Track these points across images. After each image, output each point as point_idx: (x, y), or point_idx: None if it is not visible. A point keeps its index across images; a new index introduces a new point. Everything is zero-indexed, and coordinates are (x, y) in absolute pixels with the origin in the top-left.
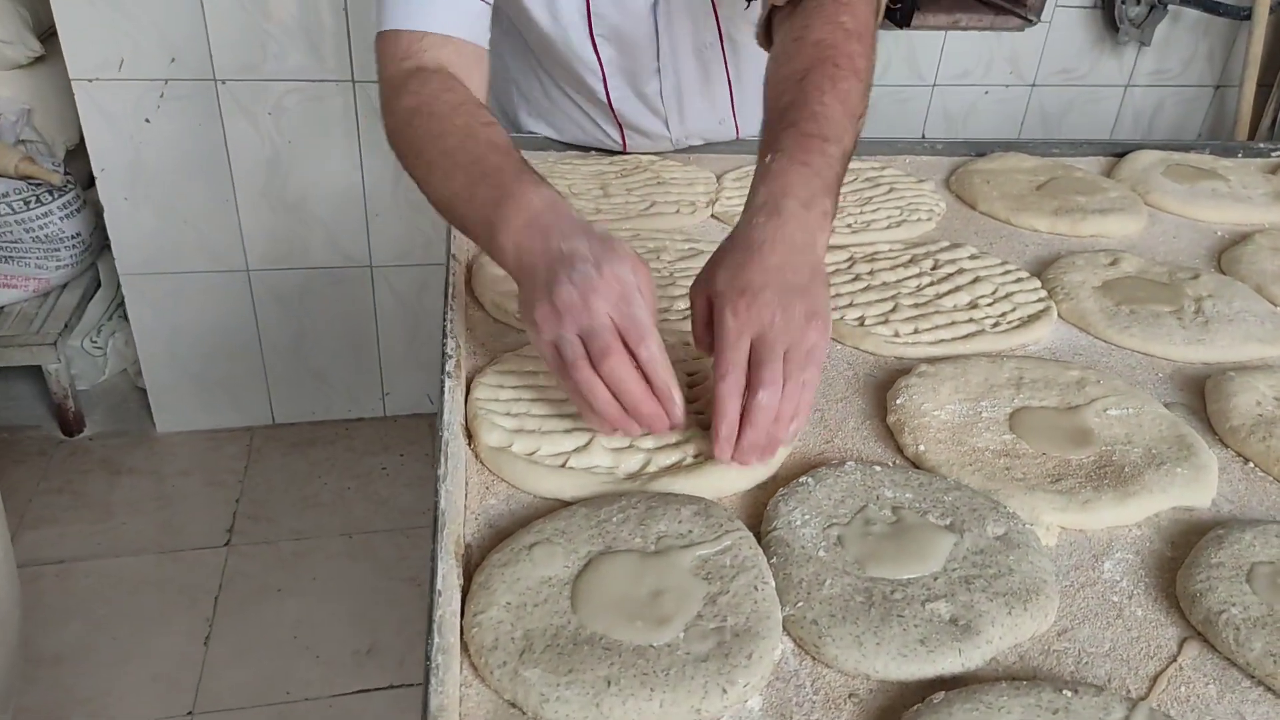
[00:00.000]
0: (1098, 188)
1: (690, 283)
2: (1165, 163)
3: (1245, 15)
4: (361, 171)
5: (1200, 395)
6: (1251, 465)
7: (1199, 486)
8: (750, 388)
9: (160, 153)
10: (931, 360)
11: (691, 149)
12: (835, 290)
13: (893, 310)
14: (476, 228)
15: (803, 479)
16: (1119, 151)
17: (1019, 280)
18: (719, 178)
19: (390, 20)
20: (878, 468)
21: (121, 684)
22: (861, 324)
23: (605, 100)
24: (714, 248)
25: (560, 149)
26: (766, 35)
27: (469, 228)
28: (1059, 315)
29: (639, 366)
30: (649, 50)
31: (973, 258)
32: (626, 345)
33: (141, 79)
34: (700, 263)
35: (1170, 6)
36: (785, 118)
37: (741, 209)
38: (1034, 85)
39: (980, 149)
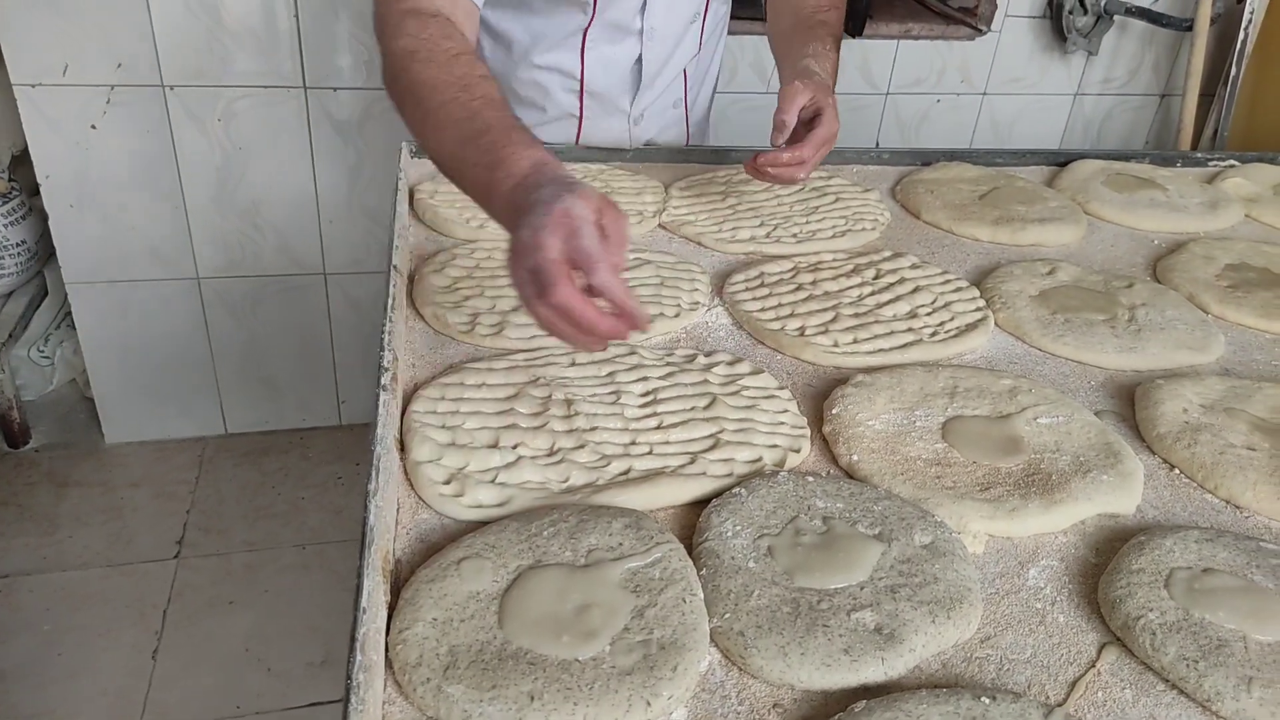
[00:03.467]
0: (1039, 197)
1: (633, 290)
2: (1105, 172)
3: (1188, 27)
4: (314, 178)
5: (1131, 403)
6: (1177, 472)
7: (1124, 494)
8: (807, 140)
9: (107, 159)
10: (869, 370)
11: (640, 156)
12: (777, 300)
13: (833, 320)
14: (471, 188)
15: (736, 490)
16: (1062, 161)
17: (958, 290)
18: (667, 188)
19: None
20: (810, 478)
21: (69, 700)
22: (802, 334)
23: (579, 52)
24: (661, 257)
25: None
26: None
27: (463, 185)
28: (996, 324)
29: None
30: (633, 7)
31: (914, 267)
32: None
33: (86, 85)
34: (647, 272)
35: (1116, 17)
36: (813, 32)
37: (687, 219)
38: (985, 94)
39: (926, 158)
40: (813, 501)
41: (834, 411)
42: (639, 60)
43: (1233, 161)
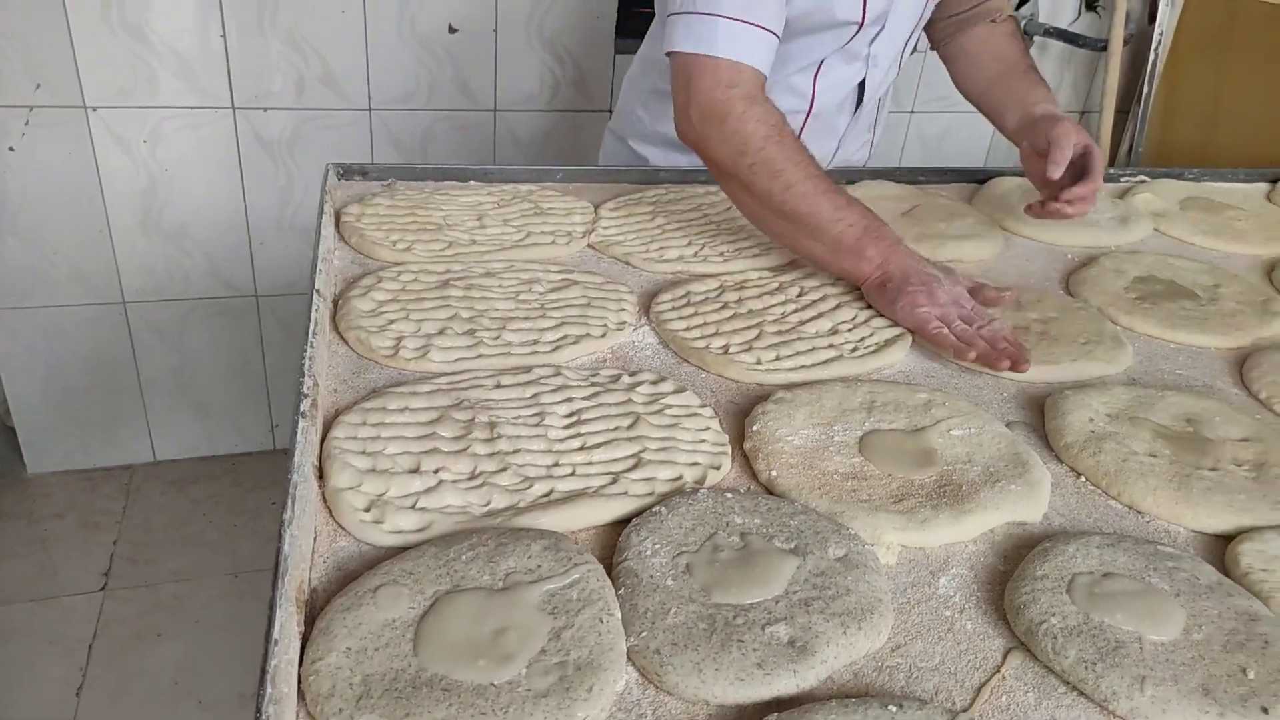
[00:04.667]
0: (958, 214)
1: (560, 311)
2: (1022, 189)
3: (1103, 47)
4: (245, 199)
5: (1041, 413)
6: (1083, 479)
7: (1031, 502)
8: (1092, 172)
9: (27, 182)
10: (791, 387)
11: (570, 177)
12: (702, 319)
13: (757, 338)
14: (836, 242)
15: (656, 509)
16: (982, 179)
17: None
18: (596, 208)
19: (708, 46)
20: (729, 495)
21: None
22: (726, 352)
23: (814, 75)
24: (589, 277)
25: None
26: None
27: (824, 238)
28: (914, 339)
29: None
30: (868, 37)
31: (835, 283)
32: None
33: (3, 106)
34: (574, 292)
35: (1036, 38)
36: (1036, 75)
37: (616, 240)
38: (912, 112)
39: (851, 176)
40: (731, 518)
41: (754, 428)
42: (861, 84)
43: (1143, 177)
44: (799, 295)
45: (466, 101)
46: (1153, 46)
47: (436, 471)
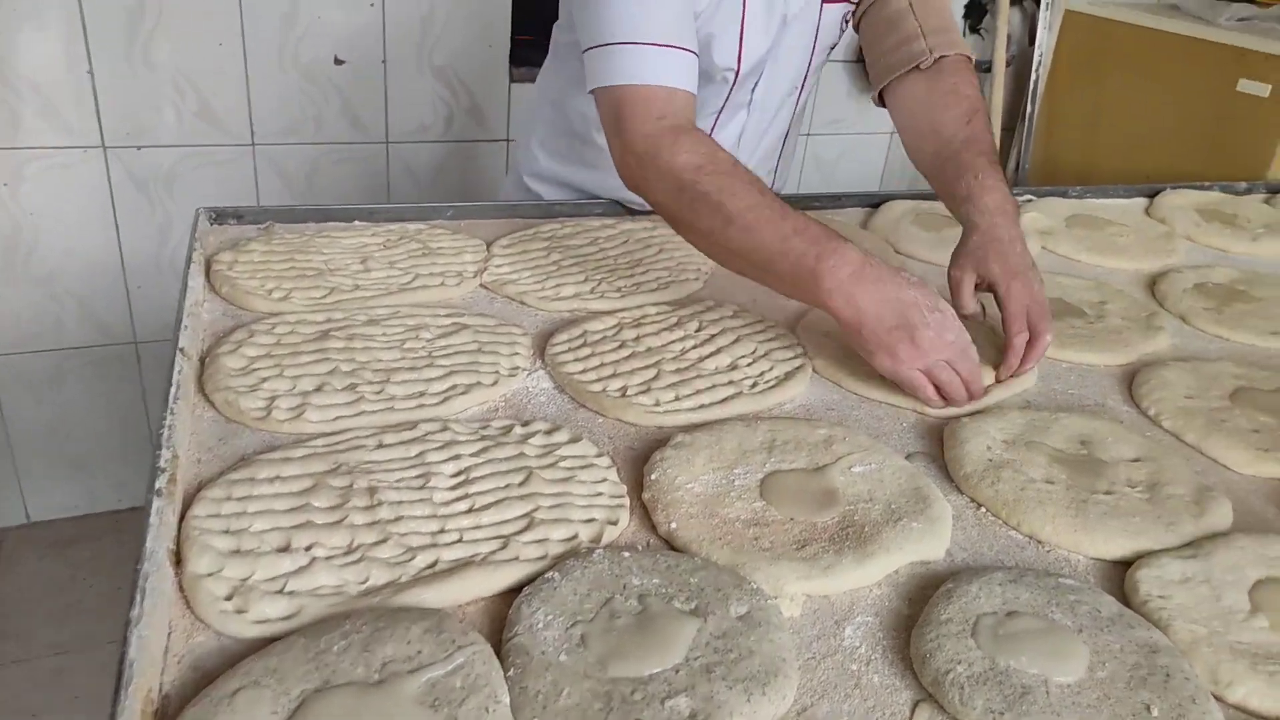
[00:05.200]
0: (853, 239)
1: (449, 359)
2: (915, 211)
3: (986, 68)
4: (119, 242)
5: (940, 443)
6: (983, 510)
7: (933, 539)
8: (1036, 335)
9: None
10: (690, 428)
11: (461, 214)
12: (599, 360)
13: (655, 378)
14: (792, 275)
15: (549, 575)
16: (876, 202)
17: (776, 338)
18: (489, 245)
19: (635, 75)
20: (627, 554)
21: None
22: (623, 394)
23: (709, 131)
24: (480, 320)
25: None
26: (879, 95)
27: (780, 274)
28: (814, 371)
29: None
30: (749, 85)
31: (735, 315)
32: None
33: None
34: (464, 337)
35: None
36: (973, 147)
37: (510, 278)
38: (808, 134)
39: None
40: (629, 579)
41: (653, 477)
42: (741, 132)
43: (1030, 196)
44: (698, 330)
45: (356, 134)
46: (1034, 67)
47: (309, 548)
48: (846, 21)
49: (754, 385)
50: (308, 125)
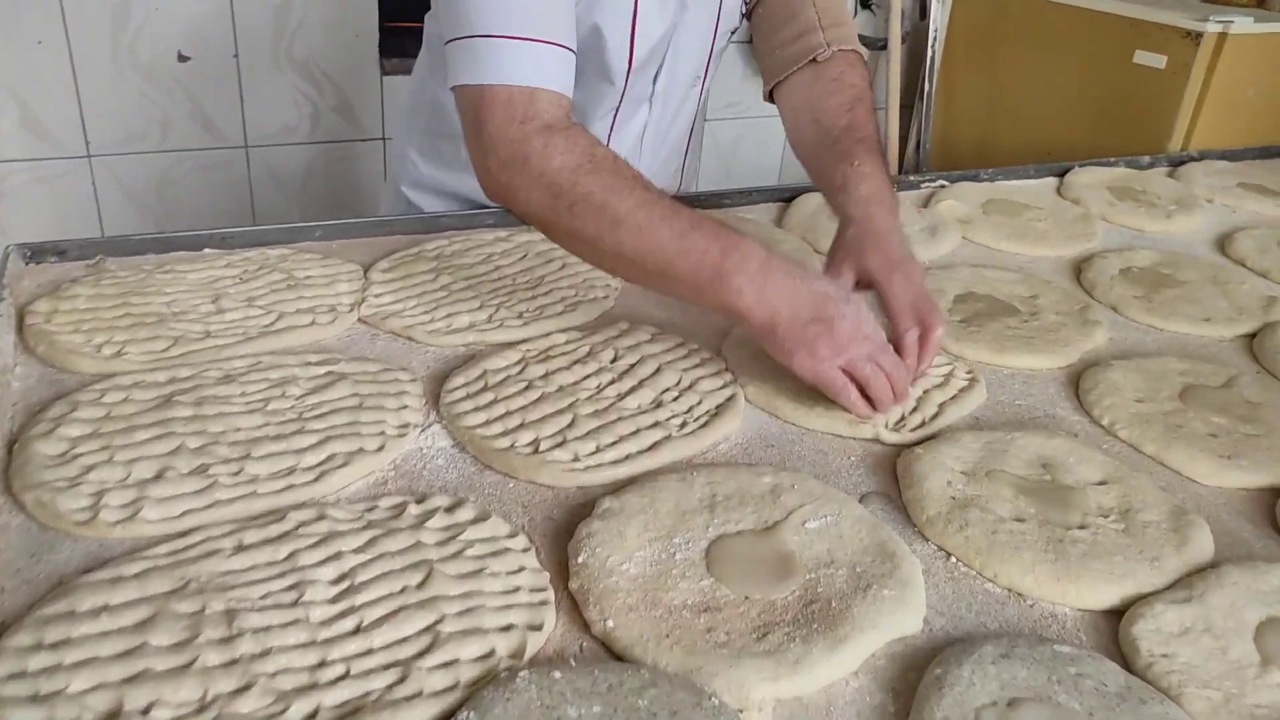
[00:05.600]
0: (770, 241)
1: (324, 421)
2: (828, 205)
3: (882, 46)
4: None
5: (893, 475)
6: (954, 560)
7: (908, 610)
8: (928, 329)
9: None
10: (618, 487)
11: (331, 233)
12: (504, 407)
13: (570, 425)
14: (694, 275)
15: (461, 714)
16: (788, 196)
17: (702, 363)
18: (366, 270)
19: (497, 73)
20: (557, 674)
21: None
22: (536, 450)
23: (608, 130)
24: (360, 365)
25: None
26: (770, 93)
27: (681, 276)
28: (747, 399)
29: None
30: (649, 75)
31: (654, 339)
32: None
33: None
34: (342, 390)
35: None
36: (852, 133)
37: (393, 309)
38: (706, 119)
39: None
40: (563, 711)
41: (580, 560)
42: (645, 128)
43: (942, 181)
44: (614, 360)
45: (210, 138)
46: (929, 43)
47: (147, 711)
48: (746, 3)
49: (683, 425)
50: (152, 131)
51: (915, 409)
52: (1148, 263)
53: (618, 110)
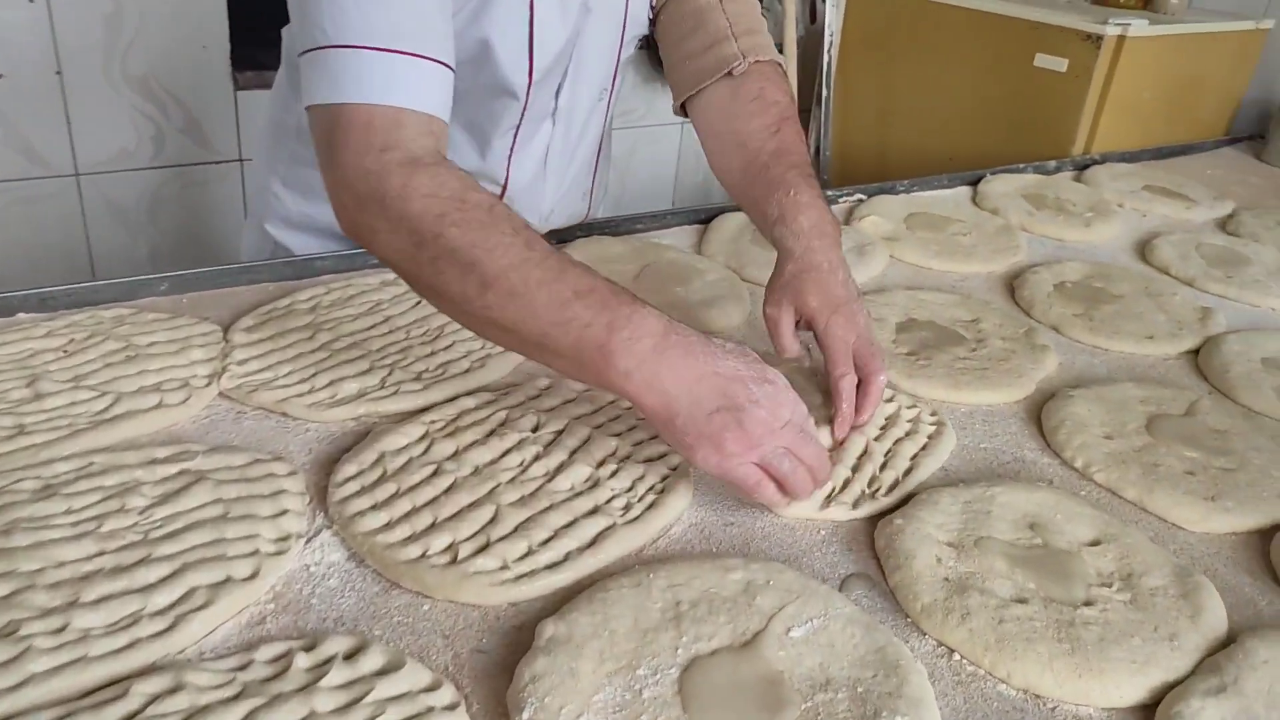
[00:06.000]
0: (694, 270)
1: (178, 544)
2: (749, 227)
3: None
4: None
5: (871, 547)
6: (958, 658)
7: None
8: (868, 375)
9: None
10: (558, 600)
11: (181, 285)
12: (410, 502)
13: (493, 520)
14: (574, 353)
15: None
16: (704, 218)
17: (639, 424)
18: (226, 331)
19: (354, 90)
20: None
21: None
22: (454, 560)
23: (509, 149)
24: (223, 458)
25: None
26: (681, 105)
27: (558, 351)
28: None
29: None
30: (551, 89)
31: (580, 397)
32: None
33: None
34: (201, 495)
35: None
36: (784, 159)
37: (262, 378)
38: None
39: (558, 235)
40: None
41: (525, 717)
42: (549, 146)
43: (860, 195)
44: (535, 429)
45: (32, 167)
46: (824, 48)
47: None
48: (653, 7)
49: (627, 509)
50: None
51: (885, 465)
52: (1078, 276)
53: (518, 129)
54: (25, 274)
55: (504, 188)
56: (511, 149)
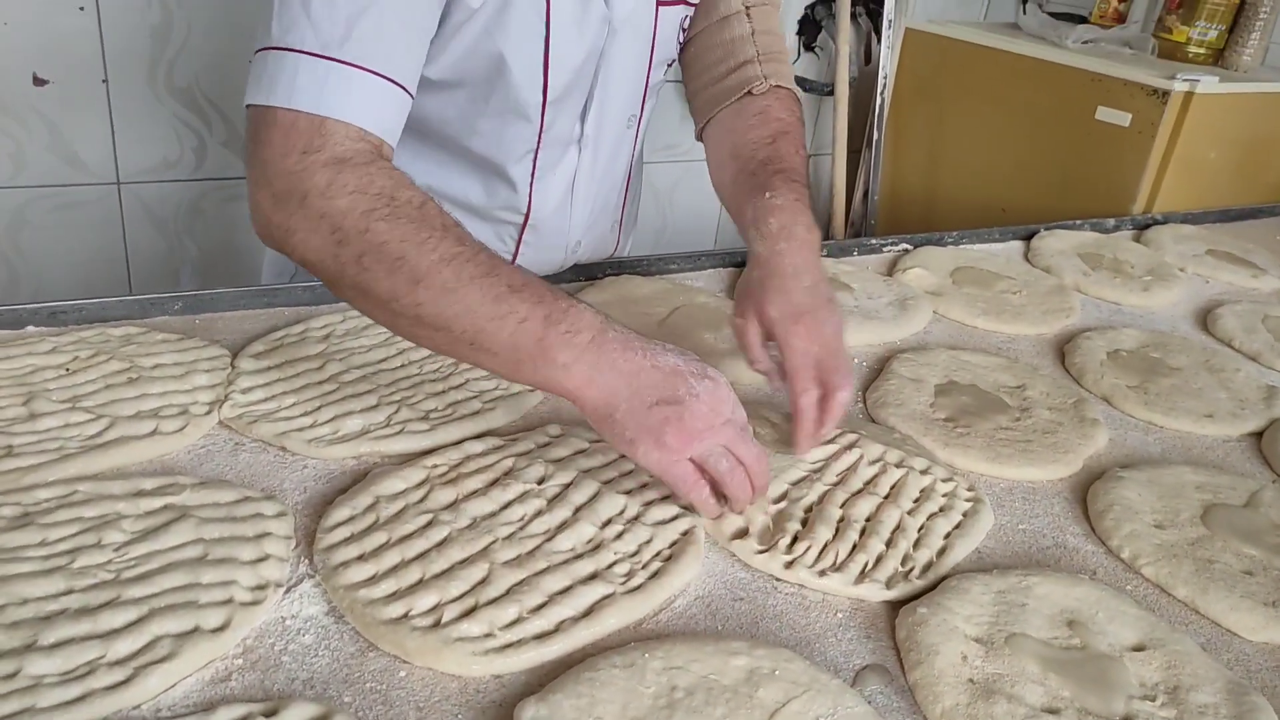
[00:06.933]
0: (725, 317)
1: (149, 587)
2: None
3: (829, 91)
4: None
5: (890, 634)
6: None
7: None
8: (829, 391)
9: None
10: (546, 678)
11: (194, 306)
12: (400, 554)
13: (485, 580)
14: (510, 349)
15: None
16: (738, 262)
17: (652, 481)
18: (234, 357)
19: (283, 95)
20: None
21: None
22: (438, 623)
23: (529, 175)
24: (213, 494)
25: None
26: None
27: (494, 349)
28: (705, 531)
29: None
30: (574, 112)
31: (592, 447)
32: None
33: None
34: (182, 534)
35: None
36: (769, 166)
37: (265, 408)
38: (644, 162)
39: (586, 272)
40: None
41: None
42: (575, 174)
43: (905, 245)
44: (541, 481)
45: (74, 174)
46: (878, 90)
47: None
48: (683, 30)
49: (628, 576)
50: (3, 164)
51: (918, 544)
52: (1134, 344)
53: (537, 153)
54: (62, 278)
55: (526, 217)
56: (533, 176)
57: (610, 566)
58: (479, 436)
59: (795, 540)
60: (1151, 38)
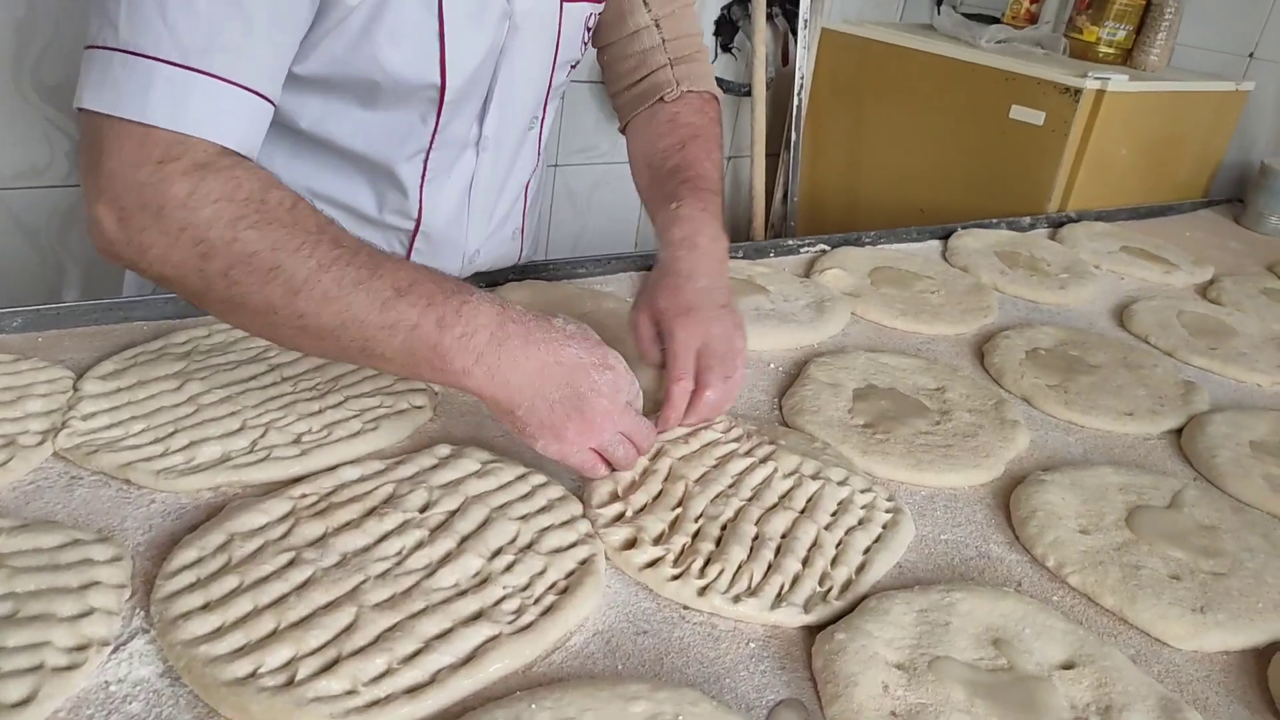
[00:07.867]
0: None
1: None
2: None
3: (746, 92)
4: None
5: (809, 669)
6: None
7: None
8: (700, 387)
9: None
10: None
11: (41, 324)
12: (252, 600)
13: (350, 629)
14: (405, 355)
15: None
16: (651, 264)
17: (551, 505)
18: (79, 378)
19: (134, 107)
20: None
21: None
22: (291, 681)
23: (419, 178)
24: (37, 538)
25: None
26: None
27: (387, 355)
28: (607, 560)
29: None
30: (472, 112)
31: (485, 469)
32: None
33: None
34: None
35: None
36: (678, 175)
37: (109, 435)
38: (556, 165)
39: (488, 278)
40: None
41: None
42: (472, 179)
43: (823, 246)
44: (424, 509)
45: None
46: (795, 90)
47: None
48: (589, 30)
49: (518, 613)
50: None
51: (836, 561)
52: (1052, 342)
53: (429, 154)
54: None
55: (417, 223)
56: (423, 179)
57: (498, 603)
58: (357, 461)
59: (709, 562)
60: (1063, 37)
